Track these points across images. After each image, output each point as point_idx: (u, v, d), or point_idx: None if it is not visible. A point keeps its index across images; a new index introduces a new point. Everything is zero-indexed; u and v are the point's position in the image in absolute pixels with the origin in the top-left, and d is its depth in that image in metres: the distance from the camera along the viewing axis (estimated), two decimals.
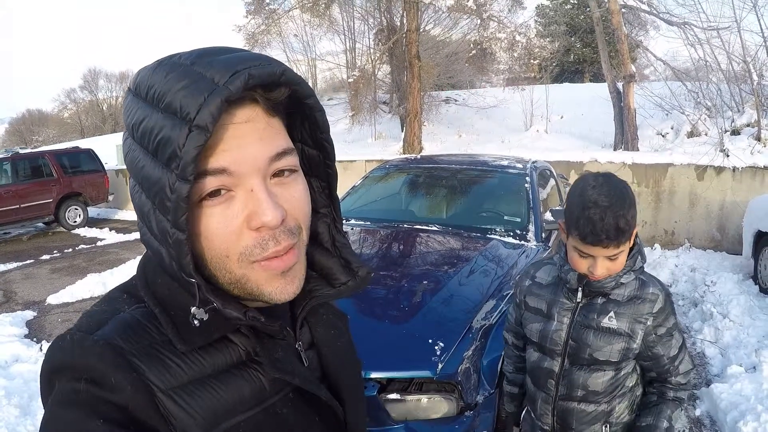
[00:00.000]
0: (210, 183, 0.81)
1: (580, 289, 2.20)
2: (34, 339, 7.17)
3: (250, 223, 0.84)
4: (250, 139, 0.83)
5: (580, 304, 2.23)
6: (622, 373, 2.24)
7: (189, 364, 0.86)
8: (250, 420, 0.89)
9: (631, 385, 2.29)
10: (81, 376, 0.80)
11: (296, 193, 0.91)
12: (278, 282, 0.89)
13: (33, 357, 6.35)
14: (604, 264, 2.06)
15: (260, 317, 0.89)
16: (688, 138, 13.76)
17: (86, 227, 16.34)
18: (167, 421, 0.82)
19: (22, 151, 18.27)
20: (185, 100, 0.76)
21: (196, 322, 0.83)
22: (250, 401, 0.90)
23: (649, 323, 2.15)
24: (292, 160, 0.90)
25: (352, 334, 1.23)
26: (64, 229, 16.28)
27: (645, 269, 2.25)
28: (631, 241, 2.08)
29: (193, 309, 0.83)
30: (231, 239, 0.84)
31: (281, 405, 0.94)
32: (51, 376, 0.85)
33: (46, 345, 6.63)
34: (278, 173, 0.88)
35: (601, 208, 1.95)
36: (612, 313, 2.16)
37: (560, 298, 2.28)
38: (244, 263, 0.86)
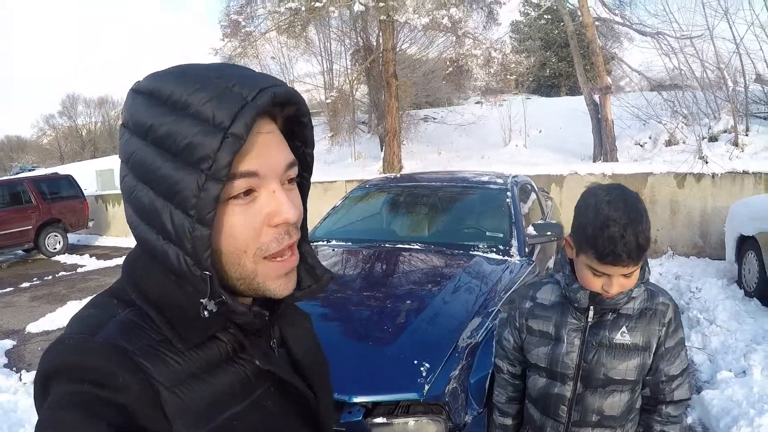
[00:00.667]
0: (241, 184, 0.89)
1: (591, 308, 2.08)
2: (14, 368, 7.05)
3: (272, 220, 0.93)
4: (273, 147, 0.94)
5: (590, 323, 2.11)
6: (637, 394, 2.15)
7: (186, 361, 0.90)
8: (241, 412, 0.95)
9: (638, 407, 2.20)
10: (83, 378, 0.81)
11: (298, 200, 1.03)
12: (281, 280, 0.98)
13: (12, 387, 6.22)
14: (619, 282, 1.94)
15: (264, 312, 1.00)
16: (666, 147, 13.88)
17: (66, 254, 16.28)
18: (170, 420, 0.85)
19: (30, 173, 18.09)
20: (218, 111, 0.84)
21: (206, 313, 0.89)
22: (240, 395, 0.95)
23: (661, 334, 2.08)
24: (296, 170, 1.01)
25: (336, 357, 1.38)
26: (44, 256, 16.21)
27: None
28: None
29: (203, 300, 0.89)
30: (252, 235, 0.92)
31: (265, 398, 1.00)
32: (47, 379, 0.85)
33: (25, 374, 6.52)
34: (287, 181, 0.98)
35: (620, 225, 1.83)
36: (624, 328, 2.06)
37: (568, 318, 2.15)
38: (257, 258, 0.94)
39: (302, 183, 1.09)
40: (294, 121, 1.02)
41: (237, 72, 0.92)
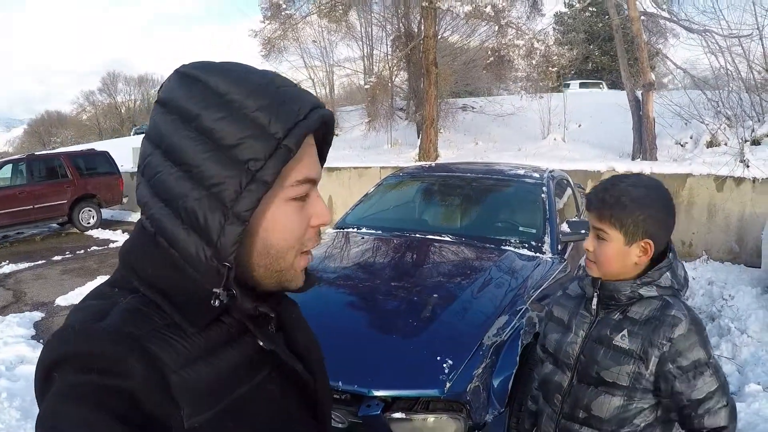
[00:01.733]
0: (304, 189, 1.00)
1: (595, 295, 2.10)
2: (41, 340, 7.11)
3: (313, 221, 1.03)
4: (316, 159, 1.05)
5: (597, 319, 2.11)
6: (633, 406, 2.00)
7: (192, 344, 0.91)
8: (246, 394, 0.97)
9: (642, 425, 2.02)
10: (89, 366, 0.81)
11: None
12: (301, 273, 1.06)
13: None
14: (591, 240, 2.03)
15: (270, 312, 1.03)
16: (707, 148, 13.61)
17: (99, 229, 16.46)
18: (178, 403, 0.86)
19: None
20: (274, 121, 0.91)
21: (217, 302, 0.91)
22: (243, 377, 0.98)
23: (665, 349, 1.91)
24: None
25: (359, 348, 1.55)
26: (78, 231, 16.40)
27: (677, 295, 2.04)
28: (650, 251, 1.96)
29: (217, 290, 0.91)
30: (301, 233, 1.01)
31: (267, 381, 1.03)
32: (51, 368, 0.84)
33: None
34: None
35: (613, 180, 1.98)
36: (625, 332, 2.00)
37: (580, 310, 2.18)
38: (297, 253, 1.02)
39: None
40: (322, 139, 1.10)
41: (287, 85, 0.99)
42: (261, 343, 1.01)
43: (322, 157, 1.12)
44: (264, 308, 1.00)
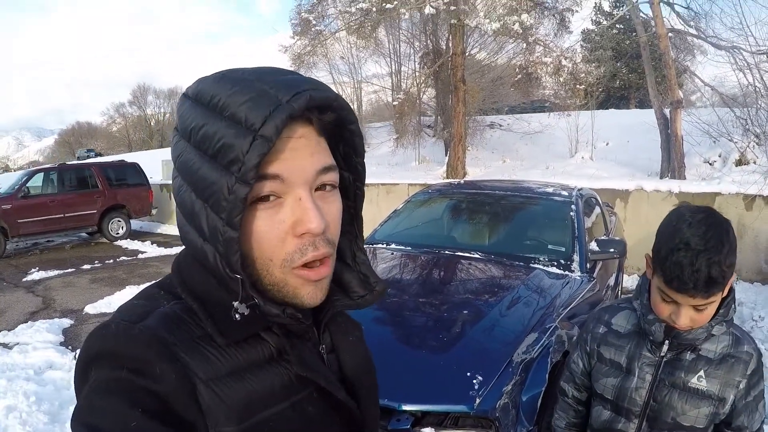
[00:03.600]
0: (264, 188, 0.88)
1: (666, 342, 1.94)
2: (69, 347, 7.23)
3: (296, 229, 0.90)
4: (303, 153, 0.91)
5: (665, 359, 1.97)
6: None
7: (226, 357, 0.90)
8: (279, 414, 0.94)
9: None
10: (124, 365, 0.83)
11: (335, 209, 0.98)
12: (310, 288, 0.95)
13: (67, 365, 6.40)
14: (688, 313, 1.78)
15: (298, 314, 0.96)
16: (736, 166, 13.55)
17: (128, 239, 16.62)
18: (204, 413, 0.86)
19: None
20: (251, 113, 0.84)
21: (237, 316, 0.89)
22: (279, 396, 0.94)
23: (741, 387, 1.89)
24: (335, 176, 0.98)
25: (389, 363, 1.39)
26: (107, 240, 16.59)
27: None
28: (725, 291, 1.80)
29: (235, 303, 0.89)
30: (276, 243, 0.91)
31: (306, 403, 0.99)
32: (89, 363, 0.87)
33: None
34: (321, 187, 0.95)
35: (693, 251, 1.68)
36: (702, 372, 1.91)
37: (642, 351, 2.01)
38: (285, 269, 0.92)
39: (356, 192, 1.08)
40: (342, 128, 0.99)
41: (278, 75, 0.92)
42: (294, 368, 0.97)
43: (355, 150, 1.04)
44: (292, 311, 0.95)
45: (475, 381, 3.05)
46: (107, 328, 0.89)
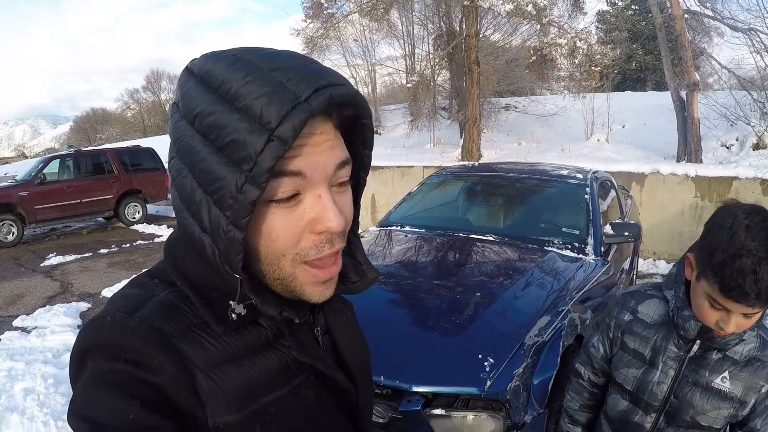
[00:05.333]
0: (285, 185, 0.84)
1: (698, 341, 1.89)
2: None
3: (315, 227, 0.88)
4: (323, 148, 0.87)
5: (690, 356, 1.92)
6: None
7: (224, 344, 0.89)
8: (278, 400, 0.93)
9: None
10: (121, 357, 0.82)
11: (348, 203, 0.96)
12: (319, 287, 0.94)
13: None
14: (737, 320, 1.70)
15: (294, 317, 0.94)
16: (753, 150, 13.39)
17: (145, 224, 16.73)
18: (203, 403, 0.85)
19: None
20: (267, 109, 0.78)
21: (234, 316, 0.88)
22: (278, 381, 0.94)
23: (763, 390, 1.85)
24: (349, 170, 0.95)
25: (401, 344, 1.37)
26: (123, 225, 16.73)
27: None
28: None
29: (232, 303, 0.87)
30: (293, 240, 0.88)
31: (304, 387, 0.99)
32: (84, 355, 0.86)
33: None
34: (336, 182, 0.92)
35: (756, 258, 1.56)
36: (726, 373, 1.86)
37: (668, 345, 1.96)
38: (296, 263, 0.90)
39: (358, 181, 1.05)
40: (355, 122, 0.95)
41: (295, 64, 0.85)
42: (294, 352, 0.97)
43: (365, 143, 1.00)
44: (289, 313, 0.93)
45: (486, 363, 3.06)
46: (103, 320, 0.87)
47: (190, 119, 0.86)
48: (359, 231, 1.11)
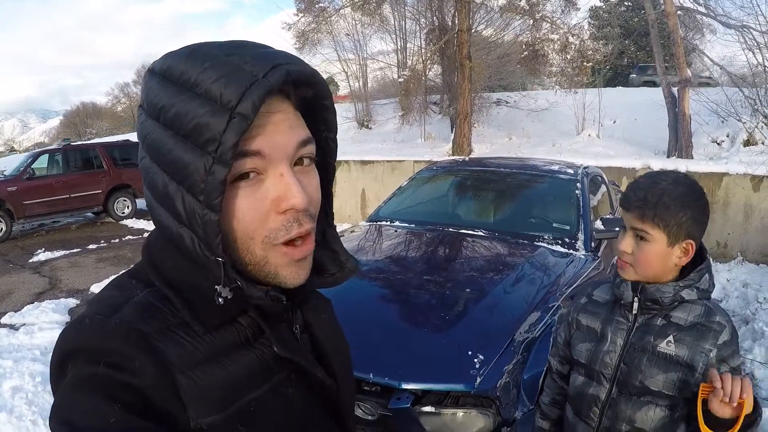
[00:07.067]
0: (244, 165, 0.85)
1: (636, 300, 1.96)
2: None
3: (279, 205, 0.88)
4: (282, 127, 0.88)
5: (636, 324, 1.99)
6: (677, 415, 1.94)
7: (203, 344, 0.89)
8: (260, 398, 0.93)
9: None
10: (100, 359, 0.81)
11: (315, 182, 0.97)
12: (293, 268, 0.93)
13: None
14: (629, 240, 1.89)
15: (281, 296, 0.96)
16: (744, 147, 13.46)
17: (134, 219, 16.67)
18: (184, 404, 0.84)
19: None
20: (226, 90, 0.80)
21: (220, 300, 0.87)
22: (259, 380, 0.94)
23: (712, 356, 1.86)
24: (312, 149, 0.95)
25: (390, 341, 1.37)
26: (112, 220, 16.64)
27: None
28: (691, 252, 1.86)
29: (218, 287, 0.87)
30: (259, 220, 0.88)
31: (285, 384, 0.98)
32: (64, 359, 0.85)
33: None
34: (299, 161, 0.93)
35: (654, 179, 1.86)
36: (671, 338, 1.90)
37: (616, 317, 2.05)
38: (267, 246, 0.90)
39: (326, 168, 1.06)
40: (315, 103, 0.97)
41: (251, 49, 0.88)
42: (275, 349, 0.97)
43: (328, 126, 1.02)
44: (275, 292, 0.95)
45: (476, 360, 3.04)
46: (82, 323, 0.87)
47: (154, 115, 0.87)
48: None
